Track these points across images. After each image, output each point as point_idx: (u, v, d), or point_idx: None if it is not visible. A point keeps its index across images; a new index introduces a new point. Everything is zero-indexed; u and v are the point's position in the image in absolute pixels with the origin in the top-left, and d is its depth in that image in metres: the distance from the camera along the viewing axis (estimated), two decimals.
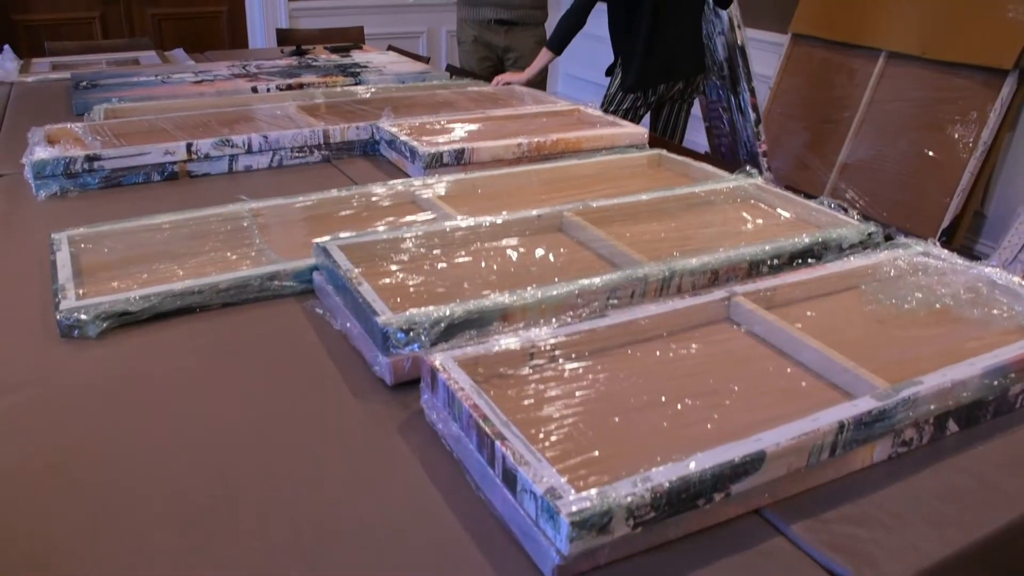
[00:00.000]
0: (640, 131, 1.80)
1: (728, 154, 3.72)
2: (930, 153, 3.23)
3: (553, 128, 1.84)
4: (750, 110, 3.65)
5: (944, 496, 0.81)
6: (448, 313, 0.93)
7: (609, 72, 3.04)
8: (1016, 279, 1.14)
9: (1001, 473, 0.85)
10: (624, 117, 2.73)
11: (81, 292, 1.12)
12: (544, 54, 2.91)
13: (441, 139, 1.71)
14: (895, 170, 3.34)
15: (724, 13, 3.56)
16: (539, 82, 3.32)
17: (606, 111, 2.60)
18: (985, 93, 3.09)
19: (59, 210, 1.53)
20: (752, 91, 3.64)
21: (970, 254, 3.30)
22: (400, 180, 1.48)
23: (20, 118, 2.21)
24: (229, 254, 1.24)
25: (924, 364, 0.91)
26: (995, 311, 1.09)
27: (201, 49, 3.58)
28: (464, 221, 1.22)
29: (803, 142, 3.73)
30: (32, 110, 2.31)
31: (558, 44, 2.88)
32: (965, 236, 3.25)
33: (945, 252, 1.22)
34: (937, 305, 1.10)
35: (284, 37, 3.77)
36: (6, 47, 3.04)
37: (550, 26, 3.47)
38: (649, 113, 3.10)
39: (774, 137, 3.87)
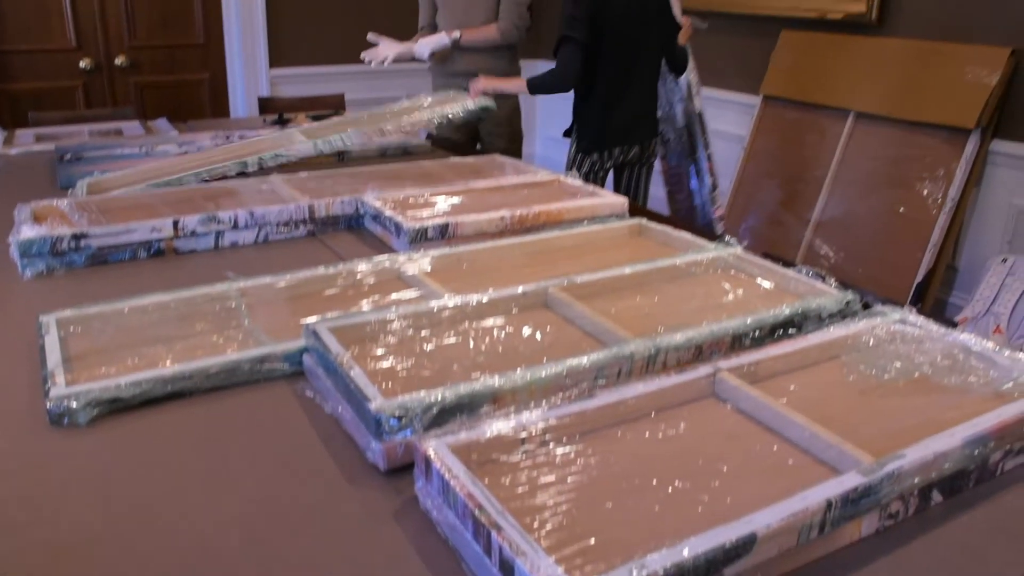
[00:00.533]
0: (620, 200, 1.84)
1: (687, 219, 3.83)
2: (901, 209, 3.31)
3: (535, 199, 1.87)
4: (707, 176, 3.78)
5: (931, 568, 0.83)
6: (440, 398, 0.95)
7: (567, 134, 3.11)
8: (990, 344, 1.18)
9: (985, 541, 0.87)
10: (584, 181, 2.79)
11: (70, 378, 1.13)
12: (520, 84, 2.93)
13: (425, 213, 1.74)
14: (868, 226, 3.42)
15: (682, 80, 3.69)
16: (515, 150, 3.38)
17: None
18: (951, 151, 3.19)
19: (46, 289, 1.54)
20: (709, 157, 3.78)
21: (944, 307, 3.37)
22: (386, 256, 1.50)
23: (4, 192, 2.21)
24: (218, 337, 1.25)
25: (906, 435, 0.94)
26: (971, 378, 1.12)
27: (183, 117, 3.62)
28: (451, 300, 1.25)
29: (777, 200, 3.82)
30: (16, 184, 2.32)
31: (536, 91, 2.92)
32: (939, 289, 3.32)
33: (921, 319, 1.26)
34: (916, 374, 1.13)
35: (265, 105, 3.82)
36: None
37: (524, 101, 3.55)
38: (613, 178, 3.18)
39: (749, 195, 3.95)
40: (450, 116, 2.40)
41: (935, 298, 3.32)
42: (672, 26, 3.06)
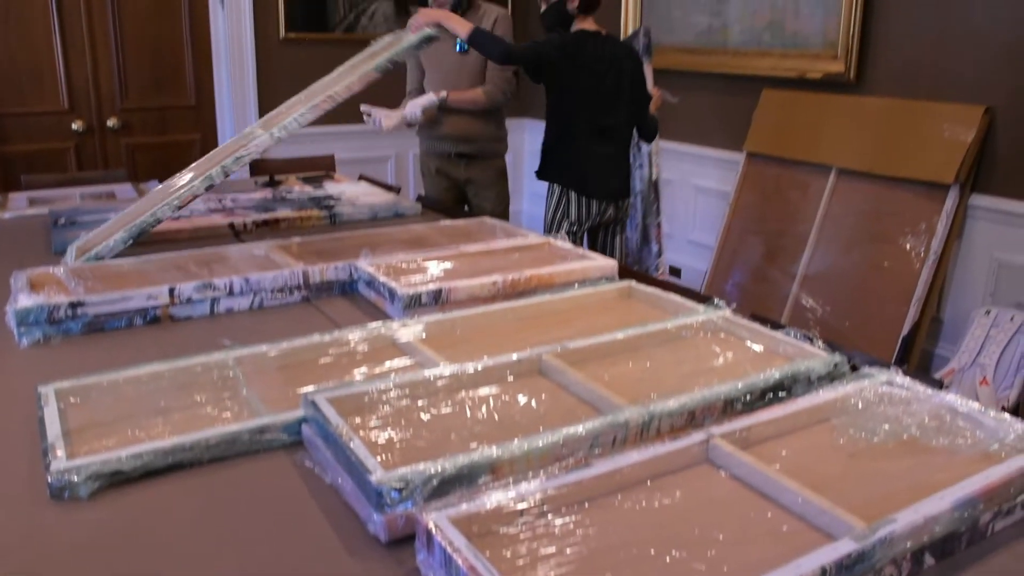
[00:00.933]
0: (610, 264, 1.88)
1: None
2: (885, 263, 3.37)
3: (526, 263, 1.90)
4: (654, 242, 3.86)
5: None
6: (440, 469, 0.96)
7: (540, 176, 3.17)
8: (976, 405, 1.20)
9: None
10: None
11: (70, 451, 1.13)
12: (465, 29, 2.88)
13: (418, 278, 1.77)
14: (854, 280, 3.47)
15: (645, 148, 3.80)
16: (502, 212, 3.43)
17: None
18: (931, 206, 3.26)
19: (42, 358, 1.55)
20: (659, 224, 3.87)
21: (931, 359, 3.40)
22: (380, 323, 1.53)
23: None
24: (214, 408, 1.26)
25: (897, 499, 0.96)
26: (959, 440, 1.14)
27: None
28: (446, 369, 1.27)
29: (762, 255, 3.87)
30: (10, 248, 2.34)
31: (474, 41, 2.90)
32: (925, 341, 3.36)
33: (907, 380, 1.29)
34: (904, 436, 1.15)
35: (256, 167, 3.86)
36: None
37: (510, 159, 3.61)
38: (587, 240, 3.24)
39: (734, 251, 4.01)
40: (395, 59, 2.37)
41: (922, 350, 3.35)
42: (644, 95, 3.17)
